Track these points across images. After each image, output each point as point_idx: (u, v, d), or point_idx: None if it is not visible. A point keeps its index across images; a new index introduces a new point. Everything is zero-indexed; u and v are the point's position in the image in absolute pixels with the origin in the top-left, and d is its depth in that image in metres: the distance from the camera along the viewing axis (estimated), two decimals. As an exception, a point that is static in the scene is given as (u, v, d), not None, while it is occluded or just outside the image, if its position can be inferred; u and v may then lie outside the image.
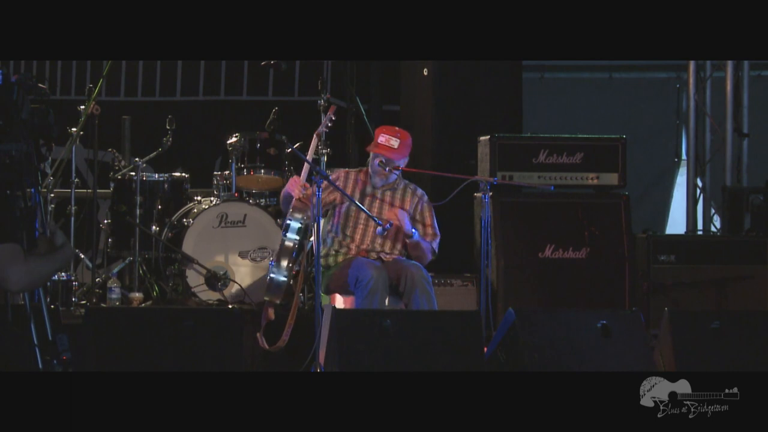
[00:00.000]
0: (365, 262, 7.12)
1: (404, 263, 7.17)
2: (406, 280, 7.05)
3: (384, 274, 7.02)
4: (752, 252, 8.55)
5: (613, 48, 5.90)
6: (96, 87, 8.33)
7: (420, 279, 7.04)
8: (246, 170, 8.22)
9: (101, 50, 5.50)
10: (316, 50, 5.85)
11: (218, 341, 6.38)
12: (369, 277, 6.96)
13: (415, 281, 7.02)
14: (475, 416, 3.14)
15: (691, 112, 10.18)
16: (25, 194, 4.59)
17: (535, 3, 5.82)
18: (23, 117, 4.73)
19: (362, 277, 6.98)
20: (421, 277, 7.05)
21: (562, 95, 11.38)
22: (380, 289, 6.96)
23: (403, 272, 7.08)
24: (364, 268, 7.04)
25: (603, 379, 3.12)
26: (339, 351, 6.20)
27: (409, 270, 7.08)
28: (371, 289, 6.95)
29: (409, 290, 7.04)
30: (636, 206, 8.96)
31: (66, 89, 9.96)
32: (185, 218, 8.10)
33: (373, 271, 6.99)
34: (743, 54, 7.94)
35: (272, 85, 10.14)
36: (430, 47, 5.86)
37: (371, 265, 7.08)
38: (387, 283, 7.03)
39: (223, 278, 7.88)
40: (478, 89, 9.41)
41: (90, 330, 6.24)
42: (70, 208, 8.33)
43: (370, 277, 6.96)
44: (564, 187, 8.42)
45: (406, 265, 7.14)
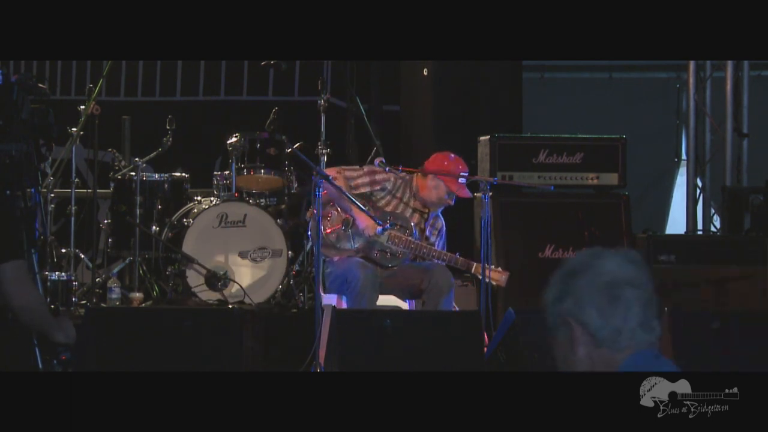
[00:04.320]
0: (356, 263, 7.11)
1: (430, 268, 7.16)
2: (430, 284, 7.07)
3: (373, 275, 7.00)
4: (752, 252, 8.54)
5: (613, 48, 5.90)
6: (96, 87, 8.33)
7: (448, 285, 7.08)
8: (246, 170, 8.21)
9: (101, 50, 5.50)
10: (316, 50, 5.85)
11: (218, 341, 6.39)
12: (357, 278, 6.95)
13: (441, 287, 7.06)
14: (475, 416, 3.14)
15: (691, 112, 10.18)
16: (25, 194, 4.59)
17: (535, 3, 5.82)
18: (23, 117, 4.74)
19: (351, 278, 6.99)
20: (449, 284, 7.11)
21: (562, 95, 11.38)
22: (369, 290, 6.95)
23: (427, 276, 7.09)
24: (353, 269, 7.03)
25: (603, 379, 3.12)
26: (339, 351, 6.20)
27: (436, 275, 7.09)
28: (359, 291, 6.94)
29: (435, 295, 7.05)
30: (636, 206, 8.96)
31: (66, 89, 9.96)
32: (185, 218, 8.10)
33: (361, 272, 6.98)
34: (743, 54, 7.94)
35: (272, 85, 10.13)
36: (430, 47, 5.86)
37: (362, 265, 7.07)
38: (376, 284, 7.02)
39: (223, 278, 7.88)
40: (478, 89, 9.41)
41: (90, 330, 6.24)
42: (70, 208, 8.33)
43: (358, 278, 6.95)
44: (564, 187, 8.41)
45: (433, 269, 7.14)
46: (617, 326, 2.64)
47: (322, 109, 8.23)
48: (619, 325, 2.64)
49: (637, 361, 2.67)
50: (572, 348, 2.69)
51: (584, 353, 2.69)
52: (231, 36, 5.57)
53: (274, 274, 7.97)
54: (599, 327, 2.64)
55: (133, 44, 5.46)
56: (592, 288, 2.64)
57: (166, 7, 5.44)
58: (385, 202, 7.31)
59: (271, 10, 5.61)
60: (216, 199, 8.21)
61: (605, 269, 2.64)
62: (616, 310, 2.63)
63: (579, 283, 2.65)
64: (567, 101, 11.31)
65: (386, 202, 7.32)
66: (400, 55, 7.14)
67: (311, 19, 5.63)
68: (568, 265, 2.71)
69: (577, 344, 2.68)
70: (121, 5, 5.38)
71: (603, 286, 2.63)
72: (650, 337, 2.68)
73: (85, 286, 8.38)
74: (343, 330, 6.31)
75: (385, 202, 7.32)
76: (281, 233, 7.98)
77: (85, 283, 8.46)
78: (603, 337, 2.65)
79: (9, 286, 4.20)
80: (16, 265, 4.23)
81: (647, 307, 2.66)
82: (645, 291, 2.65)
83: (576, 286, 2.65)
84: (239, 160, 8.20)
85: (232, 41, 5.59)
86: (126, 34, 5.40)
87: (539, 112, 10.77)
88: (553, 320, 2.71)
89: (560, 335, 2.71)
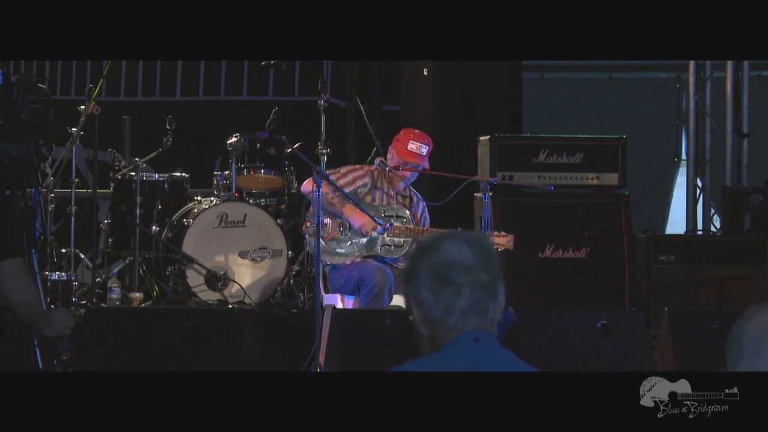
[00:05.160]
0: (374, 267, 7.09)
1: None
2: None
3: (390, 280, 6.97)
4: (752, 252, 8.55)
5: (613, 48, 5.90)
6: (96, 87, 8.34)
7: None
8: (246, 170, 8.21)
9: (101, 50, 5.50)
10: (316, 50, 5.85)
11: (218, 341, 6.39)
12: (374, 282, 6.91)
13: None
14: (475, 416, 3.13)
15: (691, 112, 10.18)
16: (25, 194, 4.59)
17: (535, 3, 5.82)
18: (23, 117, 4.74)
19: (368, 281, 6.94)
20: None
21: (562, 95, 11.38)
22: (385, 294, 6.92)
23: None
24: (371, 272, 7.02)
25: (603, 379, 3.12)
26: (339, 351, 6.21)
27: None
28: (376, 294, 6.91)
29: None
30: (636, 206, 8.96)
31: (66, 89, 9.96)
32: (185, 218, 8.10)
33: (379, 276, 6.96)
34: (743, 54, 7.94)
35: (272, 85, 10.13)
36: (430, 47, 5.86)
37: (379, 269, 7.05)
38: (392, 290, 6.99)
39: (223, 278, 7.88)
40: (478, 89, 9.41)
41: (90, 330, 6.25)
42: (70, 208, 8.33)
43: (376, 281, 6.91)
44: (564, 187, 8.41)
45: None
46: (447, 306, 2.73)
47: (322, 109, 8.23)
48: (449, 306, 2.73)
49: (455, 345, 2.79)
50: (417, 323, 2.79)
51: (426, 332, 2.80)
52: (231, 36, 5.57)
53: (274, 274, 7.97)
54: (431, 307, 2.74)
55: (133, 44, 5.46)
56: (428, 269, 2.73)
57: (166, 7, 5.44)
58: (371, 198, 7.29)
59: (271, 10, 5.61)
60: (216, 199, 8.21)
61: (442, 251, 2.73)
62: (446, 292, 2.72)
63: (420, 264, 2.75)
64: (567, 101, 11.31)
65: (372, 197, 7.30)
66: (400, 55, 7.14)
67: (311, 19, 5.63)
68: (418, 244, 2.82)
69: (419, 321, 2.78)
70: (121, 5, 5.38)
71: (437, 268, 2.72)
72: (483, 321, 2.81)
73: (85, 286, 8.38)
74: (343, 330, 6.31)
75: (371, 197, 7.30)
76: (281, 233, 7.98)
77: (85, 283, 8.46)
78: (434, 318, 2.75)
79: (8, 282, 4.21)
80: (15, 262, 4.24)
81: (482, 291, 2.76)
82: (480, 275, 2.74)
83: (418, 267, 2.75)
84: (239, 160, 8.20)
85: (232, 41, 5.59)
86: (126, 34, 5.40)
87: (539, 112, 10.77)
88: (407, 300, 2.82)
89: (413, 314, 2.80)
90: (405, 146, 7.27)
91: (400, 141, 7.31)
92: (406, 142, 7.28)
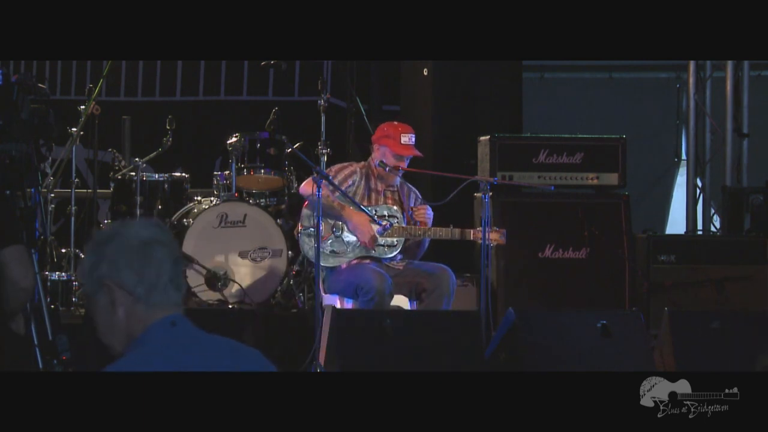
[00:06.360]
0: (370, 270, 7.04)
1: (433, 272, 7.12)
2: (434, 287, 7.02)
3: (388, 283, 6.92)
4: (752, 252, 8.54)
5: (613, 48, 5.90)
6: (96, 87, 8.34)
7: (449, 287, 7.04)
8: (246, 170, 8.21)
9: (101, 50, 5.50)
10: (316, 50, 5.85)
11: (218, 341, 6.37)
12: (371, 286, 6.84)
13: (443, 290, 7.02)
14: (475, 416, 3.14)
15: (691, 112, 10.18)
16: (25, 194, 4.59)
17: (535, 3, 5.82)
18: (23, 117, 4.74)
19: (365, 285, 6.88)
20: (451, 284, 7.06)
21: (562, 95, 11.38)
22: (382, 298, 6.86)
23: (431, 278, 7.05)
24: (367, 276, 6.95)
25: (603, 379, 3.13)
26: (339, 351, 6.20)
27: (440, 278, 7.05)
28: (371, 297, 6.85)
29: (437, 297, 7.00)
30: (636, 206, 8.96)
31: (66, 89, 9.96)
32: (185, 218, 8.10)
33: (377, 282, 6.90)
34: (743, 54, 7.94)
35: (272, 85, 10.14)
36: (430, 47, 5.86)
37: (376, 274, 6.98)
38: (391, 294, 6.95)
39: (223, 278, 7.88)
40: (478, 89, 9.40)
41: (90, 330, 6.24)
42: (70, 208, 8.33)
43: (372, 286, 6.83)
44: (564, 187, 8.41)
45: (436, 272, 7.09)
46: (152, 281, 2.89)
47: (322, 109, 8.23)
48: (154, 281, 2.89)
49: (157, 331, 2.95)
50: (113, 309, 2.93)
51: (123, 313, 2.93)
52: (231, 36, 5.57)
53: (274, 274, 7.97)
54: (135, 283, 2.88)
55: (133, 44, 5.46)
56: (125, 250, 2.88)
57: (166, 7, 5.44)
58: (360, 196, 7.26)
59: (271, 10, 5.61)
60: (216, 199, 8.21)
61: (133, 232, 2.89)
62: (149, 267, 2.88)
63: (111, 248, 2.88)
64: (567, 101, 11.32)
65: (361, 194, 7.28)
66: (400, 55, 7.14)
67: (311, 19, 5.63)
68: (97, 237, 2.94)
69: (117, 305, 2.92)
70: (121, 5, 5.38)
71: (135, 246, 2.87)
72: (178, 296, 2.96)
73: (85, 286, 8.37)
74: (343, 330, 6.30)
75: (360, 195, 7.27)
76: (281, 233, 7.98)
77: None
78: (140, 294, 2.89)
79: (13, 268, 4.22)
80: (17, 249, 4.26)
81: (176, 264, 2.93)
82: (172, 249, 2.92)
83: (109, 251, 2.88)
84: (239, 160, 8.20)
85: (232, 41, 5.59)
86: (126, 34, 5.40)
87: (539, 112, 10.77)
88: (91, 287, 2.94)
89: (100, 300, 2.93)
90: (398, 141, 7.24)
91: (391, 137, 7.25)
92: (398, 137, 7.24)
